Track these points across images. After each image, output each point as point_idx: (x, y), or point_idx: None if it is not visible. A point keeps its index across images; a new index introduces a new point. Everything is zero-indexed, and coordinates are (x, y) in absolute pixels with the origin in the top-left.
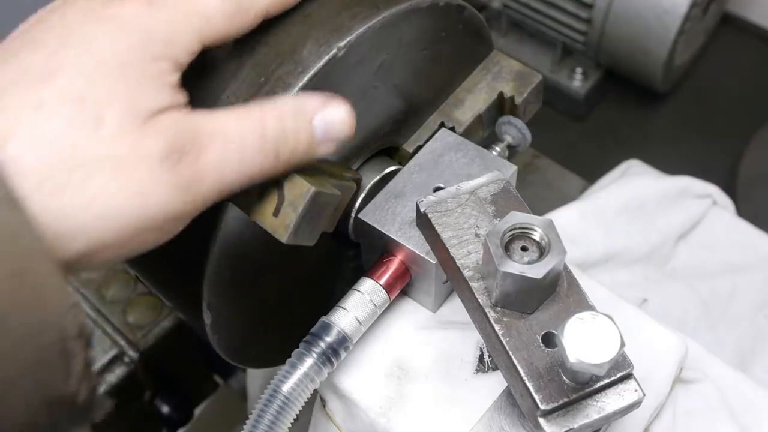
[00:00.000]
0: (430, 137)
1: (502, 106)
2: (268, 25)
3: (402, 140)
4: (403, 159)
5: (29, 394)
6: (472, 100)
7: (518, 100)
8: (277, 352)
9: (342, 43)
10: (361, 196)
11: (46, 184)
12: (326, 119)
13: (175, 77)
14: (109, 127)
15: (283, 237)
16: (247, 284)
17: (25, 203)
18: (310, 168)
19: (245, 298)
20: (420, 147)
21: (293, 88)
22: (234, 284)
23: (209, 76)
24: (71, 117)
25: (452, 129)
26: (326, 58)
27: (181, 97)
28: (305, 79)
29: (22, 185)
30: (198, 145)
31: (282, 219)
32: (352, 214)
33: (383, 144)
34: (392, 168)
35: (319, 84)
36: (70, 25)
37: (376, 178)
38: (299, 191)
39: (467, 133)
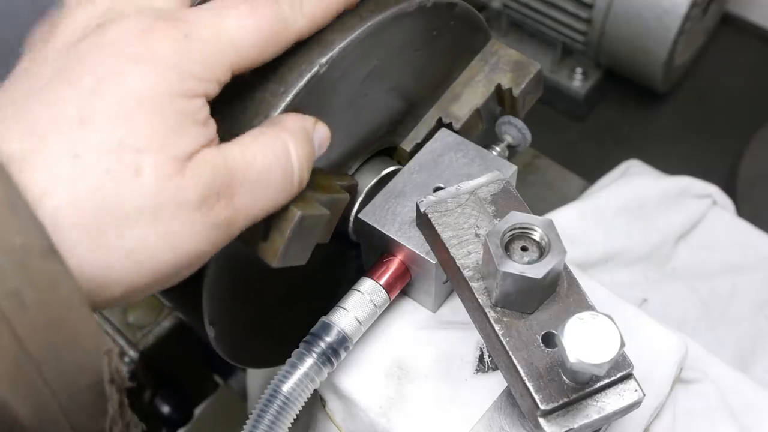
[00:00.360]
0: (429, 134)
1: (500, 97)
2: None
3: (399, 139)
4: (401, 158)
5: None
6: (470, 93)
7: (516, 92)
8: (277, 353)
9: (324, 60)
10: (361, 197)
11: (85, 238)
12: (318, 138)
13: (207, 110)
14: (147, 176)
15: (273, 262)
16: (247, 294)
17: (64, 255)
18: None
19: (246, 306)
20: (418, 145)
21: (276, 109)
22: (234, 296)
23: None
24: (109, 168)
25: (450, 125)
26: (308, 76)
27: (212, 128)
28: (288, 99)
29: (62, 239)
30: (232, 188)
31: (270, 243)
32: (352, 215)
33: (381, 145)
34: (391, 169)
35: (303, 102)
36: (105, 60)
37: (375, 180)
38: (285, 216)
39: (466, 128)
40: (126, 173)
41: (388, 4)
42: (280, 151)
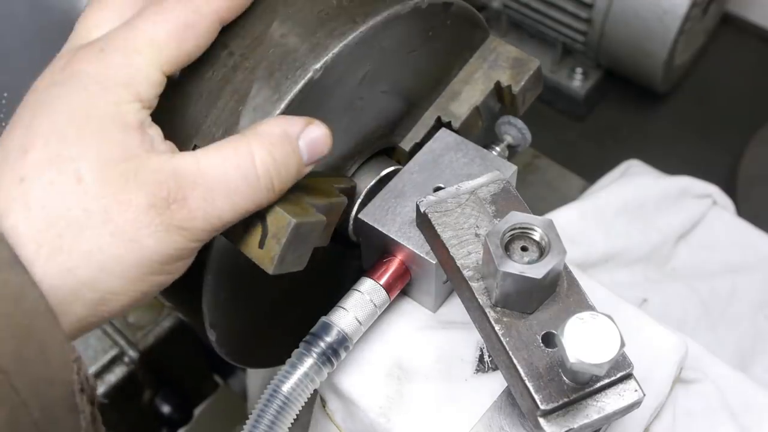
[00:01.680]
0: (428, 133)
1: (500, 95)
2: (245, 47)
3: (398, 138)
4: (401, 157)
5: None
6: (469, 91)
7: (515, 89)
8: (277, 353)
9: (318, 65)
10: (360, 197)
11: (44, 248)
12: (309, 140)
13: (142, 115)
14: (88, 182)
15: (269, 268)
16: (247, 296)
17: (27, 268)
18: (298, 187)
19: (247, 309)
20: (417, 144)
21: (271, 116)
22: (234, 298)
23: (189, 105)
24: (52, 181)
25: (449, 123)
26: (302, 83)
27: (154, 133)
28: (282, 106)
29: (23, 253)
30: (183, 192)
31: (267, 251)
32: (352, 215)
33: (380, 146)
34: (390, 169)
35: (298, 108)
36: (38, 95)
37: (374, 181)
38: (281, 224)
39: (465, 126)
40: (68, 182)
41: (381, 6)
42: (242, 157)
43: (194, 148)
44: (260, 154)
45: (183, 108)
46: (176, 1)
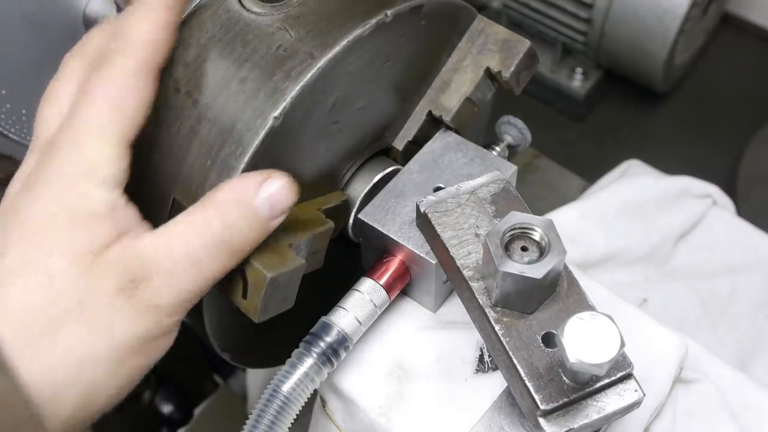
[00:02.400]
0: (420, 129)
1: (492, 79)
2: (208, 96)
3: (391, 138)
4: (397, 156)
5: None
6: (458, 81)
7: (506, 75)
8: (277, 353)
9: (277, 112)
10: (359, 198)
11: (25, 351)
12: (269, 196)
13: (113, 197)
14: (59, 279)
15: (254, 318)
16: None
17: (13, 372)
18: (280, 226)
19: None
20: (410, 142)
21: (237, 171)
22: (241, 327)
23: (164, 159)
24: (26, 283)
25: (440, 118)
26: (263, 133)
27: (125, 214)
28: (246, 159)
29: (7, 357)
30: (148, 272)
31: (250, 301)
32: (352, 215)
33: (374, 149)
34: (387, 171)
35: (264, 155)
36: (11, 202)
37: (372, 183)
38: (258, 278)
39: (458, 118)
40: (41, 282)
41: (341, 31)
42: (200, 226)
43: (174, 201)
44: (215, 223)
45: (159, 162)
46: (106, 67)
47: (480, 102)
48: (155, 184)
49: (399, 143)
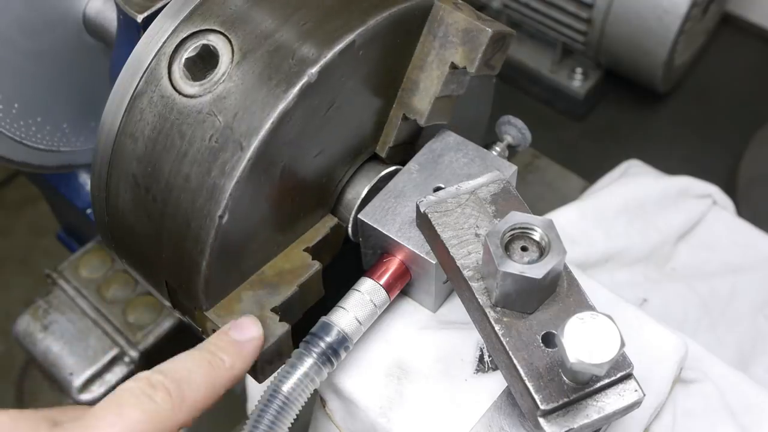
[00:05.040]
0: (398, 132)
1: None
2: (164, 192)
3: (375, 144)
4: (384, 161)
5: None
6: (426, 80)
7: (471, 69)
8: None
9: (220, 211)
10: (359, 199)
11: None
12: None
13: None
14: None
15: (258, 380)
16: None
17: None
18: (265, 283)
19: None
20: (391, 148)
21: (201, 266)
22: None
23: (146, 253)
24: None
25: (415, 122)
26: (212, 232)
27: None
28: (206, 257)
29: None
30: None
31: (252, 371)
32: (352, 215)
33: (363, 158)
34: (384, 173)
35: (221, 252)
36: None
37: (368, 188)
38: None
39: (433, 116)
40: None
41: (261, 114)
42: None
43: (167, 283)
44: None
45: (143, 252)
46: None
47: (454, 91)
48: (150, 273)
49: (381, 150)
